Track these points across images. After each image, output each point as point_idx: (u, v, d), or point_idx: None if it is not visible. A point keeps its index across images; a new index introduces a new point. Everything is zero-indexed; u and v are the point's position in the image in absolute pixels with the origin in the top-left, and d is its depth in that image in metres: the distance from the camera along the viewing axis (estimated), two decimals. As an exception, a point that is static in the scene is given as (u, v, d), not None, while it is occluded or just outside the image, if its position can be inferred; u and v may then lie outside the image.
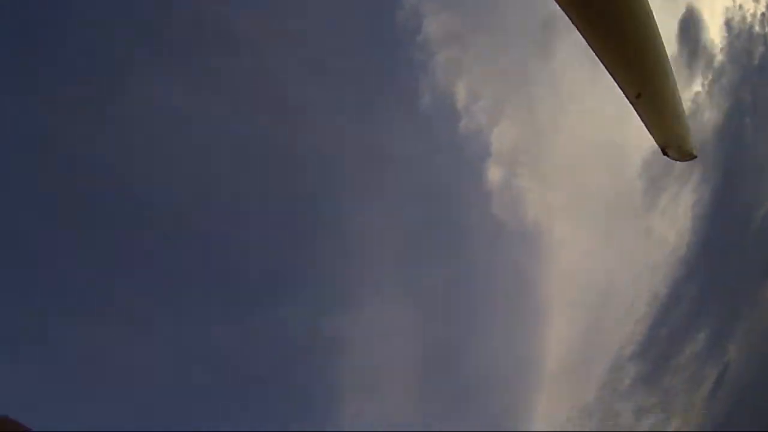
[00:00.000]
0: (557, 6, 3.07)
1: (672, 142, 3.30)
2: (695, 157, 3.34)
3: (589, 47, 3.32)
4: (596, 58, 3.38)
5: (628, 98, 3.36)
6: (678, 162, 3.50)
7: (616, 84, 3.54)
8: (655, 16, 3.22)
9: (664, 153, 3.34)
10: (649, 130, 3.35)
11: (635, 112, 3.31)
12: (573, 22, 3.27)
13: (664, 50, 3.27)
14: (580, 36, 3.36)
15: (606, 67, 3.34)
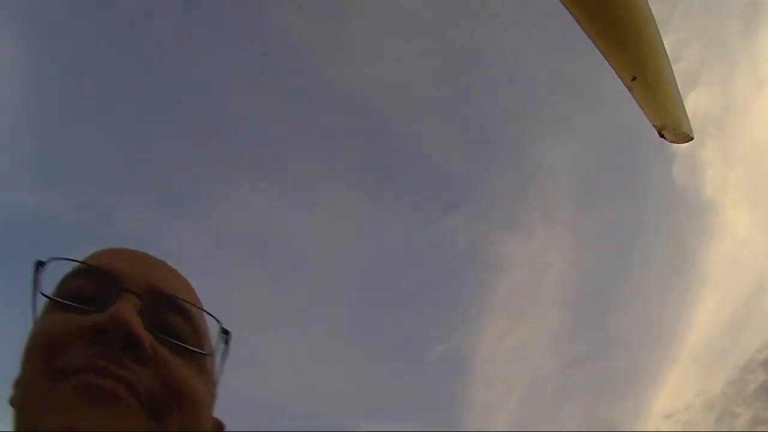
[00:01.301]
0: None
1: (668, 124, 3.29)
2: (692, 139, 3.32)
3: (586, 30, 3.31)
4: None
5: (623, 81, 3.35)
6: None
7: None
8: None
9: (661, 135, 3.32)
10: (645, 113, 3.33)
11: None
12: (566, 6, 3.26)
13: (659, 33, 3.26)
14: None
15: (600, 51, 3.33)
